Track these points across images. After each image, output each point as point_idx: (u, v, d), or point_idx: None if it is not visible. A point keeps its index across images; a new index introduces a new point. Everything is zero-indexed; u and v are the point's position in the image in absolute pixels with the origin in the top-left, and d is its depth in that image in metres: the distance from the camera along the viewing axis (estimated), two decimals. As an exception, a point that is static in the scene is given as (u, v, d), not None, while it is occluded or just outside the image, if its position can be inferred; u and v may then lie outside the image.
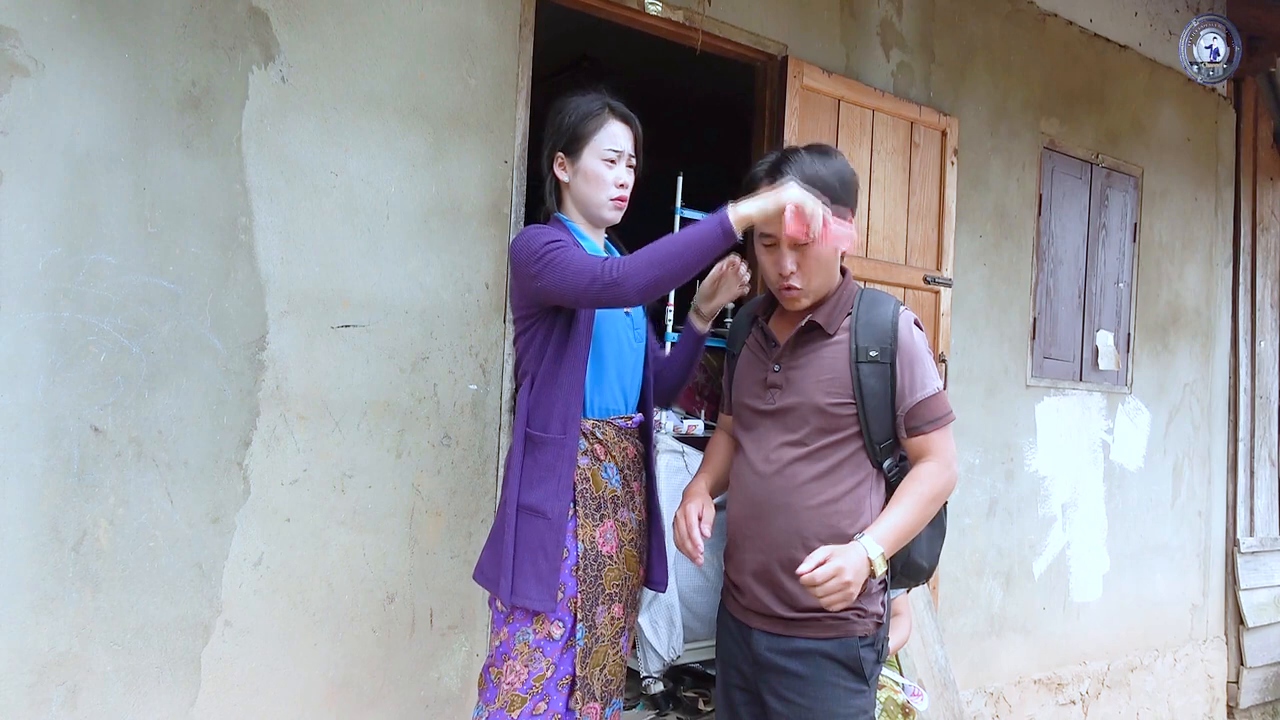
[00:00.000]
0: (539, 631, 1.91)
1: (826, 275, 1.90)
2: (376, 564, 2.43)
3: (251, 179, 2.24)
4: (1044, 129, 4.15)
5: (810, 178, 1.82)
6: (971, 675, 3.88)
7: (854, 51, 3.48)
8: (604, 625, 1.97)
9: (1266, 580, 5.21)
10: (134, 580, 2.11)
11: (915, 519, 1.82)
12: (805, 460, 1.86)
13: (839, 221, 1.81)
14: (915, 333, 1.90)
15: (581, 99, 2.03)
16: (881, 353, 1.86)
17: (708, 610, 3.62)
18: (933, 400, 1.87)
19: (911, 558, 1.94)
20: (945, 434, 1.88)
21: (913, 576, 2.00)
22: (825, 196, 1.81)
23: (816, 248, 1.83)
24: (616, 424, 2.04)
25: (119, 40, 2.09)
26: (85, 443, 2.05)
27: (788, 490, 1.86)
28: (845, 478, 1.85)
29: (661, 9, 2.92)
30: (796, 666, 1.84)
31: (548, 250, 1.85)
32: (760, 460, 1.91)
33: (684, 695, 3.54)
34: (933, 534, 1.97)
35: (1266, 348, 5.30)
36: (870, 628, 1.86)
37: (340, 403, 2.36)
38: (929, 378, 1.87)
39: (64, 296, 2.02)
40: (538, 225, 2.00)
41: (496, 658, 1.94)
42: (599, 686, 1.97)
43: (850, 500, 1.85)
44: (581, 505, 1.94)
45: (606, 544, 1.97)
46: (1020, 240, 4.07)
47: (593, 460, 1.98)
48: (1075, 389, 4.32)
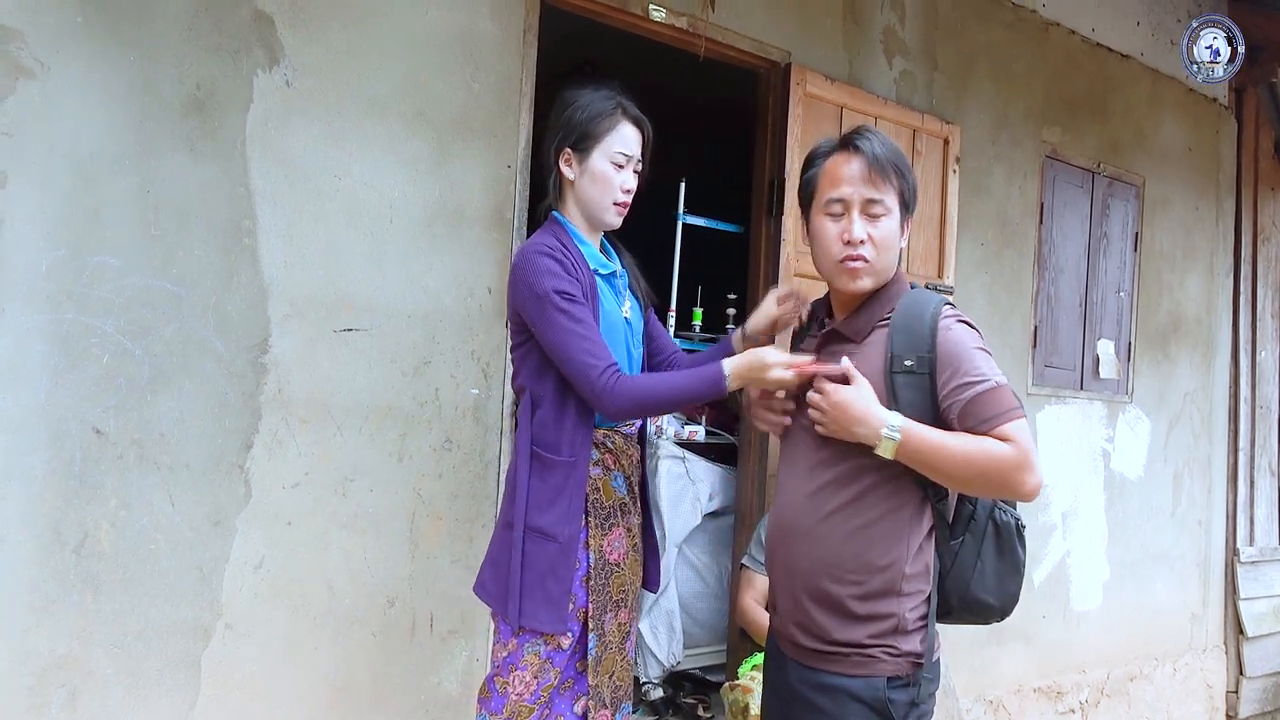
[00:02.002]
0: (549, 643, 1.88)
1: (893, 260, 1.74)
2: (377, 568, 2.42)
3: (255, 182, 2.24)
4: (1046, 137, 4.16)
5: (883, 157, 1.72)
6: (971, 683, 3.87)
7: (857, 59, 3.49)
8: (612, 632, 1.95)
9: (1266, 590, 5.20)
10: (135, 583, 2.10)
11: (955, 452, 1.59)
12: (836, 484, 1.69)
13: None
14: (959, 330, 1.66)
15: (594, 96, 1.97)
16: (918, 361, 1.65)
17: (708, 616, 3.62)
18: (989, 394, 1.60)
19: (972, 591, 1.73)
20: (1017, 430, 1.59)
21: (978, 614, 1.78)
22: (901, 201, 1.73)
23: (888, 222, 1.71)
24: (624, 431, 2.01)
25: (123, 43, 2.09)
26: (87, 445, 2.05)
27: (816, 516, 1.71)
28: (879, 503, 1.67)
29: (665, 15, 2.93)
30: (823, 702, 1.68)
31: (555, 306, 1.80)
32: (793, 482, 1.77)
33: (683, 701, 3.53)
34: (1002, 568, 1.75)
35: (1267, 357, 5.30)
36: (905, 668, 1.66)
37: (342, 406, 2.36)
38: (980, 370, 1.62)
39: (67, 298, 2.02)
40: (539, 245, 1.89)
41: (503, 668, 1.89)
42: (609, 693, 1.95)
43: (884, 527, 1.67)
44: (593, 516, 1.91)
45: (614, 552, 1.95)
46: (1022, 248, 4.07)
47: (604, 470, 1.95)
48: (1076, 397, 4.32)
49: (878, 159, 1.72)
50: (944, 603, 1.74)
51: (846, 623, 1.68)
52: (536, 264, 1.84)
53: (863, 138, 1.75)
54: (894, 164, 1.73)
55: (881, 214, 1.72)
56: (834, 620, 1.68)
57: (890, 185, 1.73)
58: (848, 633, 1.67)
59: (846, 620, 1.68)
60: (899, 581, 1.67)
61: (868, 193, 1.72)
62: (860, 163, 1.73)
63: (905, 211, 1.76)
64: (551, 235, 1.93)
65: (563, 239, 1.92)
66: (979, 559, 1.74)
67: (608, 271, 1.99)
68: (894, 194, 1.73)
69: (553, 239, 1.91)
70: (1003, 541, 1.76)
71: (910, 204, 1.77)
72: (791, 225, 3.19)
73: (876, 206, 1.72)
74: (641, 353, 2.08)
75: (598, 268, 1.95)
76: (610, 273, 2.00)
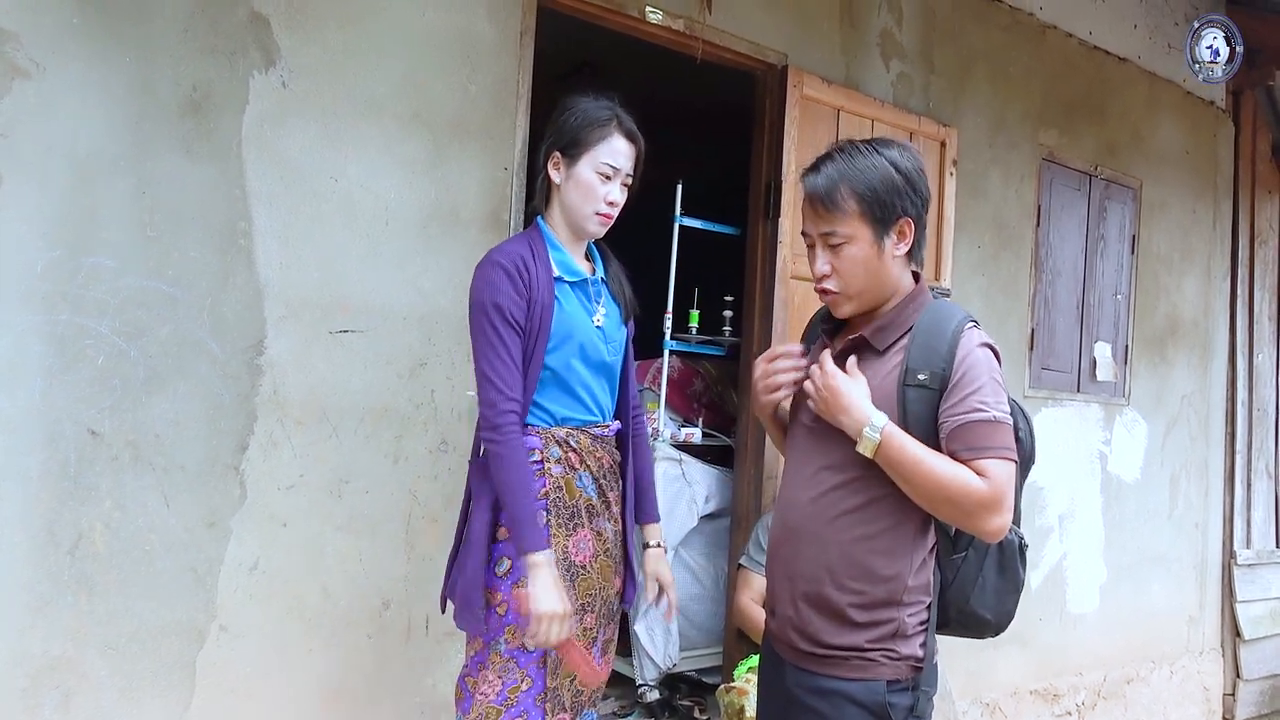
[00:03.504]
0: (511, 642, 1.88)
1: (873, 280, 1.70)
2: (372, 570, 2.42)
3: (251, 183, 2.24)
4: (1043, 140, 4.16)
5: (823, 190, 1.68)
6: (968, 685, 3.86)
7: (854, 61, 3.49)
8: (576, 635, 1.93)
9: (1263, 593, 5.20)
10: (129, 584, 2.10)
11: (930, 470, 1.57)
12: (842, 490, 1.68)
13: (583, 650, 1.85)
14: (979, 356, 1.64)
15: (591, 104, 1.98)
16: (931, 377, 1.62)
17: (704, 618, 3.62)
18: (985, 426, 1.58)
19: (971, 606, 1.73)
20: (999, 470, 1.57)
21: (972, 628, 1.78)
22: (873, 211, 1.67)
23: (850, 249, 1.68)
24: (592, 432, 2.01)
25: (120, 44, 2.09)
26: (82, 446, 2.05)
27: (821, 521, 1.69)
28: (884, 515, 1.65)
29: (662, 17, 2.93)
30: (821, 706, 1.67)
31: (487, 320, 1.87)
32: (799, 484, 1.75)
33: (680, 704, 3.53)
34: (1003, 586, 1.75)
35: (1264, 360, 5.31)
36: (904, 671, 1.66)
37: (338, 408, 2.36)
38: (986, 400, 1.60)
39: (62, 299, 2.02)
40: (498, 255, 1.92)
41: (472, 667, 1.92)
42: (569, 697, 1.94)
43: (888, 540, 1.66)
44: (555, 515, 1.91)
45: (580, 554, 1.94)
46: (1019, 251, 4.07)
47: (567, 469, 1.94)
48: (1073, 400, 4.32)
49: (817, 192, 1.69)
50: (942, 614, 1.75)
51: (846, 628, 1.67)
52: (486, 274, 1.90)
53: (811, 170, 1.73)
54: (846, 189, 1.67)
55: (840, 242, 1.69)
56: (833, 625, 1.68)
57: (843, 211, 1.67)
58: (847, 637, 1.67)
59: (846, 626, 1.67)
60: (901, 593, 1.66)
61: (821, 227, 1.71)
62: (806, 199, 1.73)
63: (881, 227, 1.68)
64: (523, 242, 1.96)
65: (534, 246, 1.95)
66: (981, 575, 1.75)
67: (576, 279, 1.99)
68: (852, 218, 1.67)
69: (522, 246, 1.94)
70: (1005, 559, 1.77)
71: (885, 217, 1.68)
72: (788, 227, 3.19)
73: (833, 237, 1.69)
74: (620, 364, 2.09)
75: (563, 274, 1.96)
76: (580, 280, 2.00)
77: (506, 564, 1.91)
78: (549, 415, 1.96)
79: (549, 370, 1.94)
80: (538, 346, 1.90)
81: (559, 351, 1.94)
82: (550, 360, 1.93)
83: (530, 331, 1.89)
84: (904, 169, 1.69)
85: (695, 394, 3.94)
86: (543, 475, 1.91)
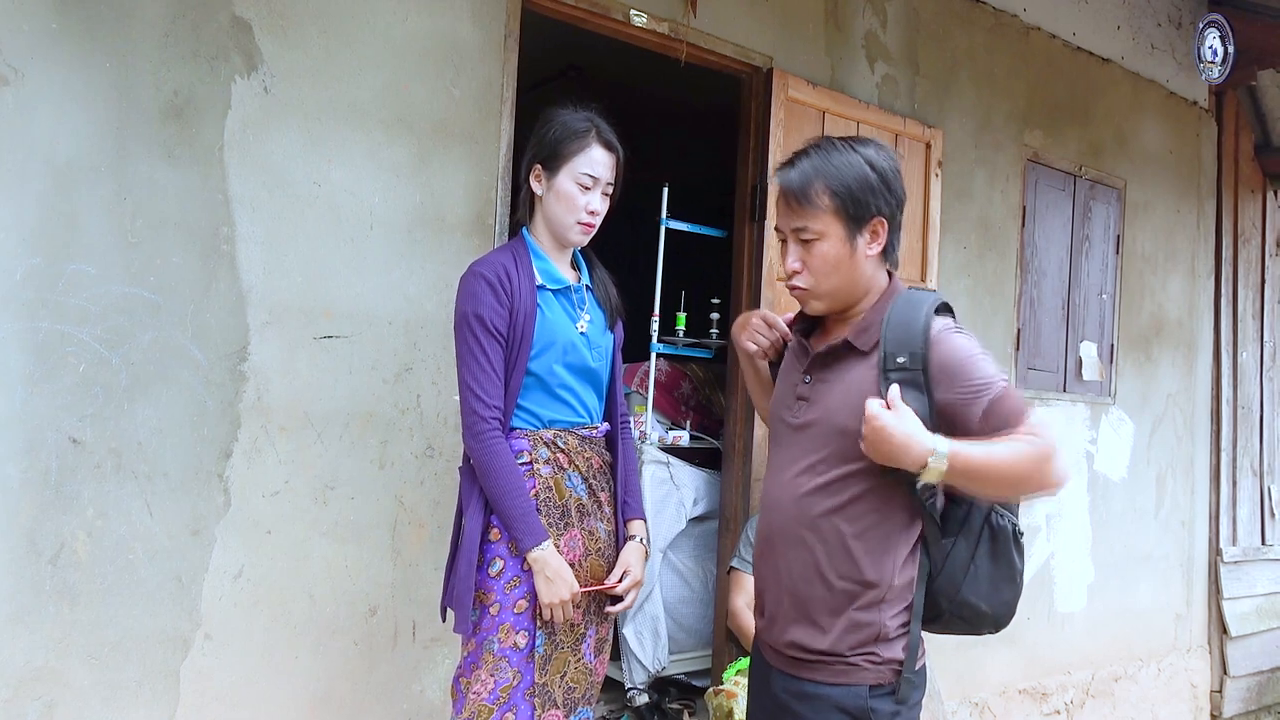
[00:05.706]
0: (504, 641, 1.92)
1: (845, 279, 1.70)
2: (359, 576, 2.41)
3: (233, 189, 2.23)
4: (1027, 141, 4.18)
5: (796, 184, 1.68)
6: (957, 685, 3.87)
7: (839, 64, 3.50)
8: (563, 632, 1.97)
9: (1249, 589, 5.23)
10: (112, 593, 2.09)
11: (1003, 459, 1.54)
12: (824, 490, 1.67)
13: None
14: (953, 332, 1.66)
15: (570, 116, 2.03)
16: (911, 358, 1.62)
17: (693, 621, 3.62)
18: (1002, 400, 1.59)
19: (963, 594, 1.68)
20: (1037, 422, 1.58)
21: (969, 621, 1.73)
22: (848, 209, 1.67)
23: (822, 245, 1.68)
24: (580, 433, 2.05)
25: (100, 49, 2.08)
26: (63, 454, 2.03)
27: (804, 522, 1.68)
28: (867, 513, 1.65)
29: (646, 21, 2.93)
30: (805, 711, 1.67)
31: (469, 329, 1.92)
32: (781, 485, 1.74)
33: (669, 707, 3.52)
34: (996, 574, 1.70)
35: (1248, 358, 5.34)
36: (887, 675, 1.65)
37: (322, 414, 2.35)
38: (986, 374, 1.61)
39: (43, 306, 2.00)
40: (481, 266, 1.97)
41: (465, 667, 1.96)
42: (560, 693, 1.97)
43: (873, 539, 1.65)
44: (545, 515, 1.95)
45: (570, 553, 1.97)
46: (1004, 252, 4.09)
47: (556, 469, 1.99)
48: (1059, 400, 4.34)
49: (791, 187, 1.70)
50: (934, 606, 1.71)
51: (828, 632, 1.67)
52: (469, 285, 1.96)
53: (786, 164, 1.73)
54: (820, 185, 1.67)
55: (812, 239, 1.69)
56: (816, 629, 1.68)
57: (816, 206, 1.67)
58: (829, 641, 1.67)
59: (828, 630, 1.67)
60: (884, 594, 1.66)
61: (793, 222, 1.71)
62: (779, 193, 1.73)
63: (854, 224, 1.68)
64: (506, 253, 2.02)
65: (518, 256, 2.01)
66: (973, 563, 1.70)
67: (559, 286, 2.04)
68: (824, 214, 1.67)
69: (505, 256, 2.00)
70: (998, 546, 1.71)
71: (859, 215, 1.67)
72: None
73: (805, 233, 1.70)
74: (607, 369, 2.12)
75: (546, 283, 2.01)
76: (564, 287, 2.05)
77: (499, 565, 1.95)
78: (536, 418, 2.01)
79: (532, 375, 1.99)
80: (521, 353, 1.95)
81: (542, 357, 1.99)
82: (533, 365, 1.98)
83: (513, 339, 1.94)
84: (880, 168, 1.69)
85: (683, 396, 3.94)
86: (532, 476, 1.96)
